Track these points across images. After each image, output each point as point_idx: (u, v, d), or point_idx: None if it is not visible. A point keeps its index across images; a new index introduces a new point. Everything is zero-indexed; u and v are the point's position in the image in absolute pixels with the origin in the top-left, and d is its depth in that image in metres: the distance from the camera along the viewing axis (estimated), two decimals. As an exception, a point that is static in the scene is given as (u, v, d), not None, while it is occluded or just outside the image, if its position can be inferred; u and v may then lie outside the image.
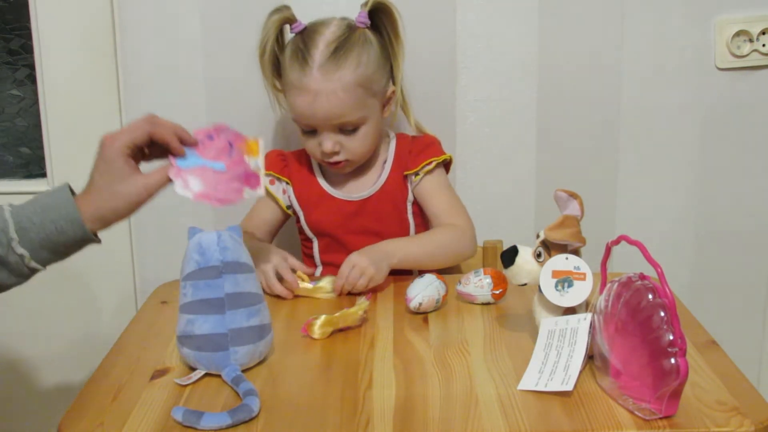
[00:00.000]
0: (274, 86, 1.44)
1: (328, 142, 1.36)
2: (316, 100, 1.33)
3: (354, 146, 1.38)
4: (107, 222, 1.09)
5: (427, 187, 1.45)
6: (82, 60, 1.65)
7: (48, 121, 1.68)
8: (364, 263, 1.27)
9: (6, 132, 1.75)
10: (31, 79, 1.70)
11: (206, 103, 1.63)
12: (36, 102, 1.70)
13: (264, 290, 1.25)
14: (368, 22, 1.39)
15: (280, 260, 1.31)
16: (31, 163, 1.76)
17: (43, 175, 1.73)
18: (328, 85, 1.32)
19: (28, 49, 1.68)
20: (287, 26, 1.40)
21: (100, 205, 1.07)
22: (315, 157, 1.43)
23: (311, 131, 1.38)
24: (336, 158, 1.39)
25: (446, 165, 1.50)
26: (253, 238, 1.44)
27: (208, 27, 1.60)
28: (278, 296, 1.29)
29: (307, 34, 1.37)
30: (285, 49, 1.40)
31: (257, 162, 1.14)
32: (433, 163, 1.45)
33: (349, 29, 1.37)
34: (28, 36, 1.66)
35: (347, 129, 1.37)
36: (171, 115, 1.62)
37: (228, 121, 1.63)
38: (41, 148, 1.71)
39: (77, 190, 1.11)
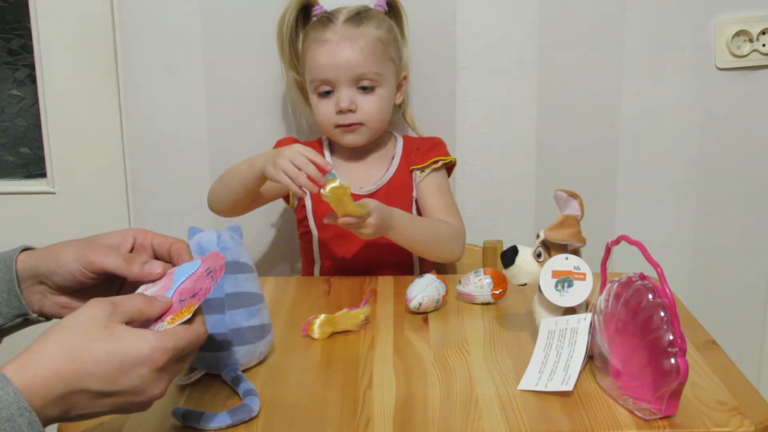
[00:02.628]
0: (289, 63, 1.49)
1: (346, 97, 1.40)
2: (338, 46, 1.39)
3: (369, 107, 1.41)
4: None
5: (429, 184, 1.47)
6: (82, 60, 1.65)
7: (48, 121, 1.68)
8: (370, 231, 1.25)
9: (6, 132, 1.75)
10: (31, 79, 1.70)
11: (206, 103, 1.63)
12: (36, 102, 1.70)
13: (291, 177, 1.22)
14: (386, 8, 1.48)
15: (300, 146, 1.26)
16: (31, 163, 1.76)
17: (43, 175, 1.73)
18: (352, 35, 1.39)
19: (28, 49, 1.68)
20: (299, 24, 1.48)
21: None
22: (329, 124, 1.44)
23: (327, 92, 1.42)
24: (352, 118, 1.41)
25: (449, 168, 1.52)
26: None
27: (208, 27, 1.60)
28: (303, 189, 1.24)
29: (329, 10, 1.46)
30: (304, 29, 1.47)
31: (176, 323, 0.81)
32: (440, 162, 1.47)
33: (368, 7, 1.46)
34: (28, 36, 1.65)
35: (364, 85, 1.41)
36: (171, 114, 1.64)
37: (228, 120, 1.64)
38: (41, 148, 1.71)
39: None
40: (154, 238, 0.90)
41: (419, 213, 1.48)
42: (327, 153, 1.50)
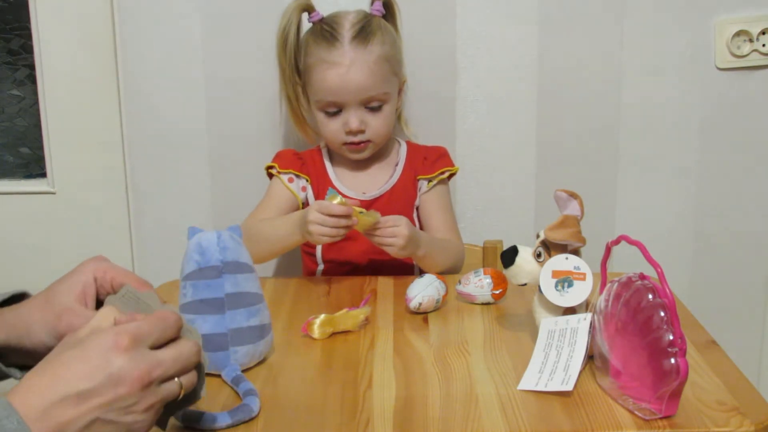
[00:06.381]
0: (291, 77, 1.46)
1: (355, 118, 1.40)
2: (349, 71, 1.38)
3: (377, 125, 1.42)
4: None
5: (434, 199, 1.48)
6: (82, 60, 1.65)
7: (48, 121, 1.68)
8: (401, 243, 1.29)
9: (6, 132, 1.75)
10: (31, 79, 1.70)
11: (206, 103, 1.63)
12: (36, 102, 1.70)
13: (331, 237, 1.26)
14: (383, 11, 1.46)
15: (317, 207, 1.28)
16: (31, 163, 1.76)
17: (43, 175, 1.73)
18: (361, 57, 1.38)
19: (28, 49, 1.68)
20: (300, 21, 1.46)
21: None
22: (336, 141, 1.44)
23: (335, 112, 1.41)
24: (361, 136, 1.42)
25: (449, 176, 1.53)
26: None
27: (208, 27, 1.60)
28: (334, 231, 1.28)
29: (328, 20, 1.43)
30: (303, 38, 1.45)
31: None
32: (447, 173, 1.49)
33: (368, 15, 1.44)
34: (28, 36, 1.66)
35: (373, 106, 1.41)
36: (171, 115, 1.64)
37: (228, 121, 1.64)
38: (41, 148, 1.71)
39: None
40: (114, 277, 0.90)
41: (419, 221, 1.49)
42: (327, 161, 1.50)
